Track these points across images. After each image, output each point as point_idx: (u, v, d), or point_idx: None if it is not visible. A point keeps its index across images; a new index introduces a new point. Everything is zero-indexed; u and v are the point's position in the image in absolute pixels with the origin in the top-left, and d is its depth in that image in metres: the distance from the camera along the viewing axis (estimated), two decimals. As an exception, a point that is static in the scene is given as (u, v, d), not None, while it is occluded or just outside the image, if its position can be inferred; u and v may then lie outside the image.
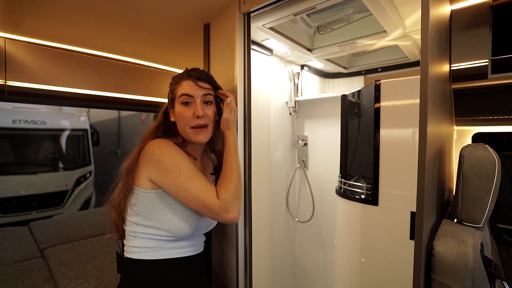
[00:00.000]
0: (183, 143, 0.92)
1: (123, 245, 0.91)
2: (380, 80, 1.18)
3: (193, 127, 0.87)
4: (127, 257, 0.86)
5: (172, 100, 0.91)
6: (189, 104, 0.87)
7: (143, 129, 0.96)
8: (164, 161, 0.78)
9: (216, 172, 1.06)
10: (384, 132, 1.16)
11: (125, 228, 0.89)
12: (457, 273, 0.67)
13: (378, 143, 1.17)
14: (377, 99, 1.18)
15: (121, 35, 1.51)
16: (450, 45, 1.28)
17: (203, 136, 0.88)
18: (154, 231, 0.83)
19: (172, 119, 0.92)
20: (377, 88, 1.18)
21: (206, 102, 0.90)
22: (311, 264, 1.92)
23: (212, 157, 1.08)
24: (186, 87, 0.88)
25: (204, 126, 0.88)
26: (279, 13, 1.15)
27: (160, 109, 0.97)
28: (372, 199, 1.19)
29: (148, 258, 0.83)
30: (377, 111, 1.17)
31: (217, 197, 0.78)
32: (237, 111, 0.98)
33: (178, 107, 0.88)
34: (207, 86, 0.90)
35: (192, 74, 0.90)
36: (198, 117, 0.86)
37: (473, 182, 0.79)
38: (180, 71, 0.96)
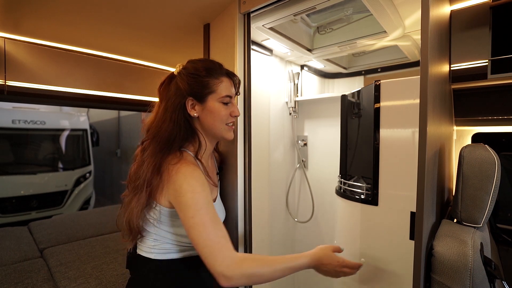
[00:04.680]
0: (199, 149, 0.88)
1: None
2: (380, 80, 1.18)
3: (227, 124, 0.90)
4: (143, 256, 0.85)
5: (204, 94, 0.85)
6: (228, 104, 0.89)
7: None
8: (185, 196, 0.74)
9: (220, 171, 1.06)
10: (384, 132, 1.16)
11: (142, 234, 0.86)
12: (457, 273, 0.67)
13: (378, 143, 1.17)
14: (377, 99, 1.17)
15: (121, 35, 1.51)
16: (450, 45, 1.28)
17: (233, 134, 0.94)
18: (175, 239, 0.83)
19: (195, 114, 0.86)
20: (377, 88, 1.18)
21: None
22: (311, 264, 1.92)
23: (215, 155, 1.09)
24: (228, 87, 0.89)
25: (233, 124, 0.93)
26: (279, 13, 1.15)
27: (168, 103, 0.85)
28: (372, 199, 1.19)
29: (165, 258, 0.83)
30: (377, 111, 1.17)
31: (233, 250, 0.73)
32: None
33: (217, 105, 0.86)
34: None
35: (229, 74, 0.91)
36: (235, 116, 0.90)
37: (473, 182, 0.79)
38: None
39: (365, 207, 1.21)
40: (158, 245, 0.83)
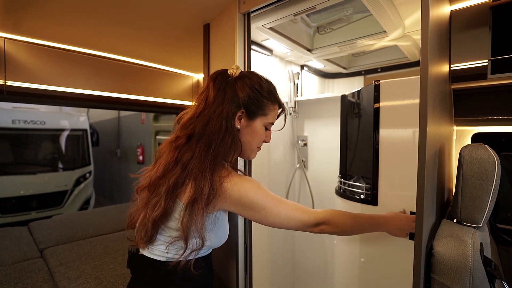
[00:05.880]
0: (233, 160, 0.90)
1: None
2: (379, 80, 1.18)
3: (257, 147, 0.91)
4: (149, 257, 0.83)
5: (257, 114, 0.85)
6: (268, 130, 0.91)
7: (143, 129, 0.92)
8: (247, 200, 0.79)
9: None
10: (383, 132, 1.16)
11: (158, 237, 0.83)
12: (457, 273, 0.67)
13: (378, 143, 1.17)
14: (377, 99, 1.17)
15: (121, 35, 1.51)
16: (449, 45, 1.28)
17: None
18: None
19: (238, 127, 0.84)
20: (377, 88, 1.17)
21: None
22: (311, 264, 1.92)
23: None
24: (276, 115, 0.93)
25: None
26: (279, 13, 1.15)
27: (223, 108, 0.80)
28: (371, 199, 1.19)
29: (176, 260, 0.81)
30: (377, 111, 1.17)
31: (310, 212, 0.85)
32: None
33: (260, 127, 0.88)
34: None
35: (280, 103, 0.93)
36: (266, 142, 0.93)
37: (473, 182, 0.79)
38: (180, 71, 0.95)
39: (365, 207, 1.21)
40: (173, 249, 0.81)
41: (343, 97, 1.44)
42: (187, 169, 0.77)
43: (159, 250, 0.82)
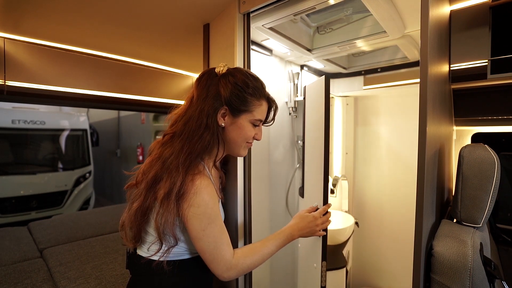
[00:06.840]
0: (215, 159, 0.87)
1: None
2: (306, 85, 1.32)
3: (247, 142, 0.89)
4: (145, 257, 0.83)
5: (241, 110, 0.83)
6: (256, 126, 0.88)
7: (143, 129, 0.91)
8: (198, 209, 0.74)
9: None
10: (306, 131, 1.29)
11: (145, 237, 0.84)
12: (457, 273, 0.67)
13: (304, 142, 1.31)
14: (304, 101, 1.32)
15: (121, 35, 1.51)
16: (449, 45, 1.28)
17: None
18: (181, 246, 0.83)
19: (222, 124, 0.83)
20: (303, 91, 1.31)
21: None
22: (310, 264, 1.92)
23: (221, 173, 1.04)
24: (264, 111, 0.89)
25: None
26: (278, 13, 1.15)
27: (204, 105, 0.80)
28: (302, 191, 1.34)
29: (169, 259, 0.82)
30: (304, 112, 1.32)
31: (233, 255, 0.80)
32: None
33: (246, 123, 0.85)
34: None
35: (269, 99, 0.90)
36: (257, 140, 0.90)
37: (473, 182, 0.79)
38: (180, 71, 0.93)
39: (301, 200, 1.38)
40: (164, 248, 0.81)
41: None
42: (165, 165, 0.78)
43: (153, 251, 0.82)
